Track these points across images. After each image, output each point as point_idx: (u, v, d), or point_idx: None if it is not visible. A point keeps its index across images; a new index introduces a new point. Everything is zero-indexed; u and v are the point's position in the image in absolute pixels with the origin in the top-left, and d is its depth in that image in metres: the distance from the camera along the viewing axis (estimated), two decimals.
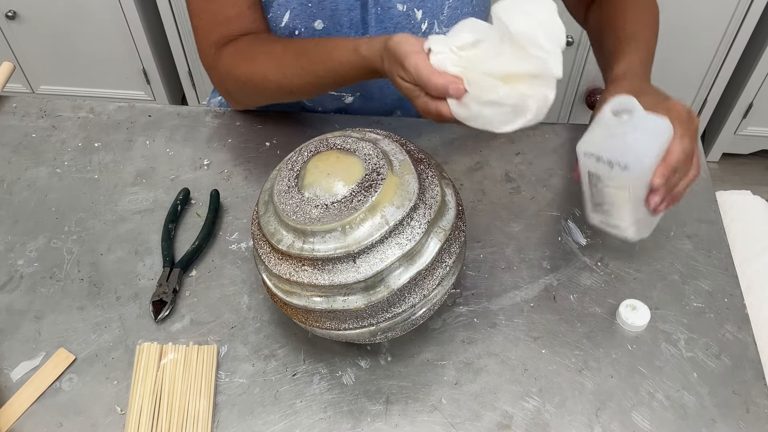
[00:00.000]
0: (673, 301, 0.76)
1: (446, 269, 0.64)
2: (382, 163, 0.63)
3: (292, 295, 0.63)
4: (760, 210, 0.89)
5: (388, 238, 0.60)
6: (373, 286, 0.61)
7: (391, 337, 0.67)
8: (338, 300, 0.61)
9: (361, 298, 0.61)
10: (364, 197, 0.60)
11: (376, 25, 0.87)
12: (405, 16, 0.86)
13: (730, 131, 1.91)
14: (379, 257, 0.60)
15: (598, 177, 0.64)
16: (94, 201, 0.86)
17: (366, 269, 0.60)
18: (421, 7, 0.85)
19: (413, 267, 0.61)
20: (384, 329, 0.64)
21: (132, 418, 0.67)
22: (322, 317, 0.64)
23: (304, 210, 0.61)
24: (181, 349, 0.72)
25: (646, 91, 0.71)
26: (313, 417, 0.68)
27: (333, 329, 0.64)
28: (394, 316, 0.63)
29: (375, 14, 0.86)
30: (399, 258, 0.60)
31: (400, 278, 0.61)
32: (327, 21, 0.87)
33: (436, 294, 0.64)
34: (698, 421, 0.68)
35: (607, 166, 0.62)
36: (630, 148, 0.61)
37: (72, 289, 0.78)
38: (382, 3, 0.85)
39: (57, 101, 0.98)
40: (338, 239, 0.60)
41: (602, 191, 0.66)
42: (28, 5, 1.76)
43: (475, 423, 0.68)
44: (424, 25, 0.87)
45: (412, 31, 0.87)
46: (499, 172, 0.88)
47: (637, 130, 0.61)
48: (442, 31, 0.88)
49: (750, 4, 1.60)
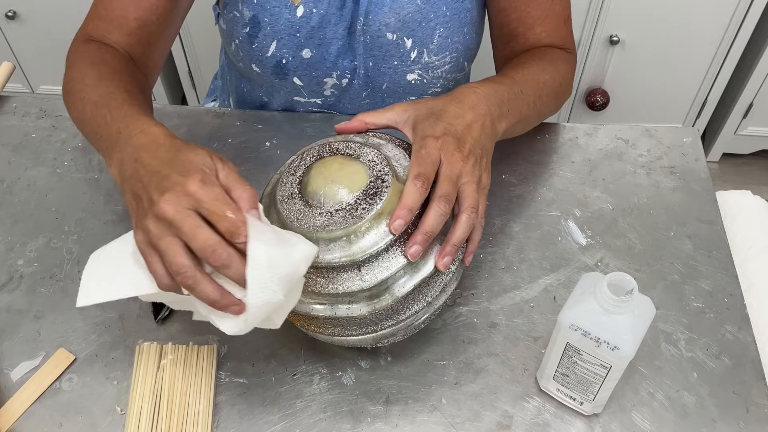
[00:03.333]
0: (673, 301, 0.76)
1: (449, 275, 0.64)
2: (386, 170, 0.62)
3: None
4: (760, 210, 0.89)
5: (393, 246, 0.60)
6: (377, 295, 0.61)
7: (393, 341, 0.67)
8: (341, 308, 0.61)
9: (365, 306, 0.61)
10: (369, 205, 0.60)
11: (365, 53, 0.86)
12: (394, 45, 0.85)
13: (730, 131, 1.91)
14: (384, 266, 0.60)
15: (578, 351, 0.61)
16: (94, 201, 0.86)
17: (371, 278, 0.60)
18: (411, 36, 0.84)
19: (417, 275, 0.61)
20: (387, 335, 0.64)
21: (132, 418, 0.67)
22: (325, 324, 0.64)
23: (309, 217, 0.61)
24: (181, 349, 0.72)
25: (444, 108, 0.67)
26: (313, 417, 0.68)
27: (336, 335, 0.64)
28: (398, 323, 0.63)
29: (363, 43, 0.86)
30: (404, 266, 0.60)
31: (404, 286, 0.61)
32: (315, 50, 0.86)
33: (439, 300, 0.65)
34: (698, 421, 0.68)
35: (594, 342, 0.59)
36: (624, 329, 0.58)
37: (72, 289, 0.78)
38: (372, 32, 0.84)
39: (57, 101, 0.97)
40: (343, 248, 0.59)
41: (575, 364, 0.63)
42: (28, 5, 1.76)
43: (475, 423, 0.68)
44: (414, 54, 0.86)
45: (401, 60, 0.86)
46: (499, 172, 0.88)
47: (633, 312, 0.58)
48: (431, 60, 0.87)
49: (750, 4, 1.60)
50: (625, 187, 0.87)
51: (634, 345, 0.59)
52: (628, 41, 1.70)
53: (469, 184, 0.64)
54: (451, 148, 0.64)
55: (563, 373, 0.65)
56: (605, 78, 1.79)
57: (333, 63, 0.88)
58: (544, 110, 0.83)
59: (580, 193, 0.86)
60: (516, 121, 0.75)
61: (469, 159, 0.64)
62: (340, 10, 0.83)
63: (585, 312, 0.59)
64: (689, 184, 0.87)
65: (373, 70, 0.89)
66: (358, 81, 0.90)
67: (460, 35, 0.86)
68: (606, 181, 0.87)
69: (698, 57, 1.73)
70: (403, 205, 0.59)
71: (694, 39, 1.69)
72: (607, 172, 0.89)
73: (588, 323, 0.59)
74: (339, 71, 0.89)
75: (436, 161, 0.62)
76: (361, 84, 0.91)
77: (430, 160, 0.62)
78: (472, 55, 0.93)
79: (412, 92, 0.91)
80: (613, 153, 0.91)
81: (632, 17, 1.65)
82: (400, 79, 0.89)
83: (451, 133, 0.65)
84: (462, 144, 0.65)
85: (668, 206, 0.85)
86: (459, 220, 0.63)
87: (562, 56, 0.87)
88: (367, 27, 0.84)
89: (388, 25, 0.84)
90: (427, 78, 0.89)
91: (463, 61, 0.90)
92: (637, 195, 0.86)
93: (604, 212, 0.84)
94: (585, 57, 1.75)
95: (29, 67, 1.91)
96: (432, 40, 0.85)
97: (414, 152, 0.63)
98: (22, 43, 1.86)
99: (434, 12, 0.84)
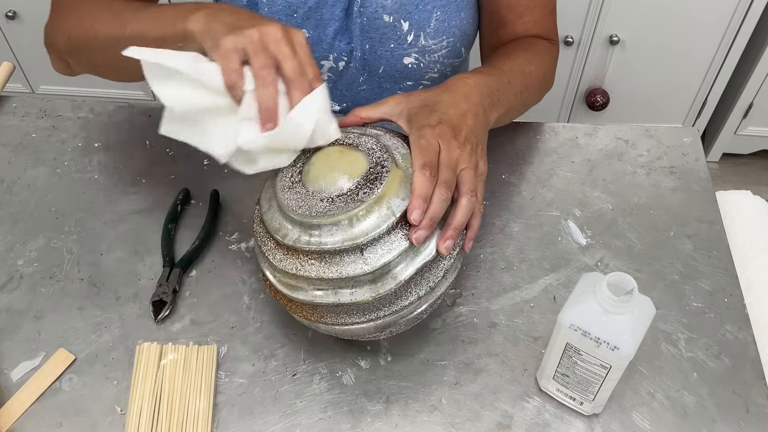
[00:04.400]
0: (673, 301, 0.76)
1: (450, 260, 0.65)
2: (385, 157, 0.63)
3: (298, 291, 0.63)
4: (760, 210, 0.89)
5: (395, 230, 0.61)
6: (380, 278, 0.61)
7: (395, 332, 0.67)
8: (345, 293, 0.62)
9: (368, 290, 0.61)
10: (369, 189, 0.61)
11: (362, 35, 0.87)
12: (391, 27, 0.86)
13: (730, 131, 1.91)
14: (387, 248, 0.60)
15: (578, 351, 0.62)
16: (94, 201, 0.86)
17: (374, 261, 0.60)
18: (408, 18, 0.85)
19: (419, 258, 0.62)
20: (389, 323, 0.64)
21: (132, 418, 0.67)
22: (329, 312, 0.64)
23: (310, 204, 0.62)
24: (181, 349, 0.72)
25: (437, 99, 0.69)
26: (313, 417, 0.68)
27: (338, 324, 0.64)
28: (400, 309, 0.63)
29: (360, 24, 0.86)
30: (406, 249, 0.61)
31: (406, 270, 0.61)
32: (311, 31, 0.86)
33: (441, 286, 0.65)
34: (698, 421, 0.68)
35: (593, 342, 0.60)
36: (624, 329, 0.59)
37: (72, 289, 0.78)
38: (368, 14, 0.85)
39: (57, 101, 0.97)
40: (345, 231, 0.60)
41: (575, 364, 0.63)
42: (28, 5, 1.76)
43: (475, 423, 0.68)
44: (410, 37, 0.86)
45: (398, 43, 0.87)
46: (499, 172, 0.88)
47: (633, 312, 0.58)
48: (428, 44, 0.87)
49: (750, 4, 1.60)
50: (625, 187, 0.87)
51: (634, 345, 0.59)
52: (628, 41, 1.70)
53: (468, 170, 0.65)
54: (448, 136, 0.65)
55: (563, 373, 0.65)
56: (605, 78, 1.79)
57: (330, 45, 0.88)
58: (529, 101, 0.85)
59: (580, 193, 0.86)
60: (505, 111, 0.77)
61: (466, 146, 0.66)
62: None
63: (585, 312, 0.60)
64: (689, 184, 0.87)
65: (370, 53, 0.89)
66: (355, 64, 0.90)
67: (457, 19, 0.87)
68: (606, 181, 0.87)
69: (698, 57, 1.73)
70: (417, 195, 0.61)
71: (694, 39, 1.69)
72: (607, 172, 0.89)
73: (588, 323, 0.59)
74: (336, 53, 0.89)
75: (437, 150, 0.64)
76: (357, 67, 0.91)
77: (431, 149, 0.63)
78: (470, 42, 0.94)
79: (410, 77, 0.91)
80: (613, 153, 0.91)
81: (632, 17, 1.65)
82: (396, 63, 0.89)
83: (446, 122, 0.66)
84: (458, 132, 0.66)
85: (668, 206, 0.85)
86: (459, 203, 0.64)
87: (547, 47, 0.89)
88: (363, 9, 0.85)
89: (384, 6, 0.84)
90: (424, 62, 0.90)
91: (460, 47, 0.91)
92: (637, 195, 0.86)
93: (604, 212, 0.84)
94: (585, 57, 1.75)
95: (29, 67, 1.91)
96: (429, 23, 0.86)
97: (413, 143, 0.64)
98: (22, 43, 1.86)
99: None
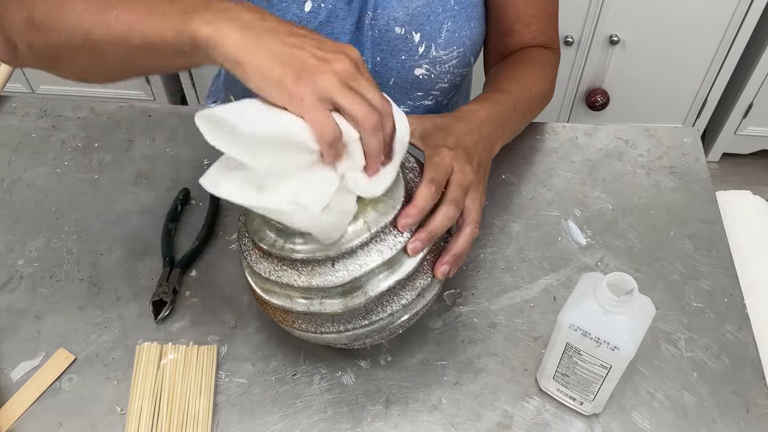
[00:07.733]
0: (673, 301, 0.76)
1: (427, 280, 0.63)
2: None
3: (271, 294, 0.63)
4: (760, 210, 0.89)
5: (369, 245, 0.59)
6: (350, 291, 0.60)
7: (372, 344, 0.67)
8: (315, 303, 0.61)
9: (338, 302, 0.60)
10: None
11: (373, 48, 0.86)
12: (402, 39, 0.85)
13: (730, 131, 1.91)
14: (359, 263, 0.59)
15: (578, 351, 0.62)
16: (94, 201, 0.86)
17: (344, 274, 0.59)
18: (419, 30, 0.85)
19: (393, 276, 0.60)
20: (361, 336, 0.63)
21: (132, 418, 0.67)
22: (299, 319, 0.63)
23: None
24: (181, 349, 0.72)
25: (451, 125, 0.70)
26: (313, 417, 0.68)
27: (311, 332, 0.64)
28: (372, 323, 0.62)
29: (371, 37, 0.85)
30: (379, 265, 0.59)
31: (378, 286, 0.60)
32: None
33: (416, 304, 0.63)
34: (698, 421, 0.68)
35: (593, 342, 0.60)
36: (624, 329, 0.59)
37: (72, 289, 0.78)
38: (380, 27, 0.84)
39: (57, 101, 0.97)
40: (319, 241, 0.58)
41: (575, 364, 0.63)
42: None
43: (475, 423, 0.68)
44: (421, 48, 0.86)
45: (409, 54, 0.87)
46: (499, 172, 0.88)
47: (633, 312, 0.59)
48: (439, 54, 0.87)
49: (750, 4, 1.60)
50: (625, 187, 0.87)
51: (634, 345, 0.59)
52: (628, 41, 1.70)
53: (475, 200, 0.66)
54: (462, 160, 0.66)
55: (563, 373, 0.65)
56: (605, 78, 1.79)
57: None
58: (531, 119, 0.90)
59: (580, 193, 0.86)
60: (508, 138, 0.82)
61: (478, 174, 0.67)
62: (348, 5, 0.83)
63: (585, 312, 0.60)
64: (689, 184, 0.87)
65: (381, 65, 0.89)
66: None
67: (467, 29, 0.87)
68: (606, 181, 0.87)
69: (698, 57, 1.73)
70: (415, 204, 0.60)
71: (694, 39, 1.69)
72: (607, 172, 0.89)
73: (588, 323, 0.59)
74: None
75: (449, 170, 0.64)
76: None
77: (443, 168, 0.63)
78: (478, 50, 0.94)
79: (420, 87, 0.91)
80: (613, 153, 0.91)
81: (632, 17, 1.65)
82: (407, 74, 0.89)
83: (462, 147, 0.67)
84: (472, 159, 0.67)
85: (668, 206, 0.85)
86: (463, 231, 0.64)
87: (551, 61, 0.92)
88: (375, 21, 0.84)
89: (396, 19, 0.84)
90: (435, 73, 0.90)
91: (469, 56, 0.91)
92: (637, 195, 0.86)
93: (604, 212, 0.84)
94: (585, 57, 1.75)
95: None
96: (440, 34, 0.86)
97: (427, 158, 0.64)
98: None
99: (442, 6, 0.84)
